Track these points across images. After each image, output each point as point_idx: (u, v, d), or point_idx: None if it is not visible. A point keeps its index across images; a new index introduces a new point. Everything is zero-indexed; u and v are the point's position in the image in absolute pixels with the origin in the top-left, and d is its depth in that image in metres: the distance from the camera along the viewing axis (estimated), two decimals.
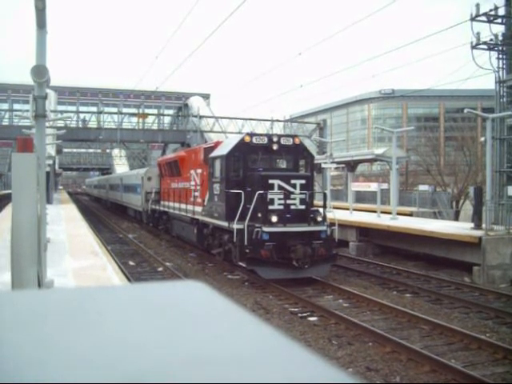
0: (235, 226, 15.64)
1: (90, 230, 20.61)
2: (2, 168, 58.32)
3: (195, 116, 43.62)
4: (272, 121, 44.50)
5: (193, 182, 21.94)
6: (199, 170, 20.93)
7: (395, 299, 14.28)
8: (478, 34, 26.29)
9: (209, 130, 42.63)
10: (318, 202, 19.50)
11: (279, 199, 15.90)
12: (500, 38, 27.01)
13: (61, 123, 39.23)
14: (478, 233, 17.46)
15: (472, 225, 19.29)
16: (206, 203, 19.47)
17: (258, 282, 15.87)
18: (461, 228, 19.43)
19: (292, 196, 16.04)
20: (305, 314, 12.68)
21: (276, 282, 15.34)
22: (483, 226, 18.13)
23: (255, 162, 17.53)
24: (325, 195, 18.14)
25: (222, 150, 17.92)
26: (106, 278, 10.25)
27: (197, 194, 21.09)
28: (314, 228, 15.95)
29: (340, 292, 14.91)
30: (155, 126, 48.19)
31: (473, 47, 26.20)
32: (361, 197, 36.19)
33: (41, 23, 8.66)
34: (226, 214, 16.85)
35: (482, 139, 22.88)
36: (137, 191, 36.59)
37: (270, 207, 15.71)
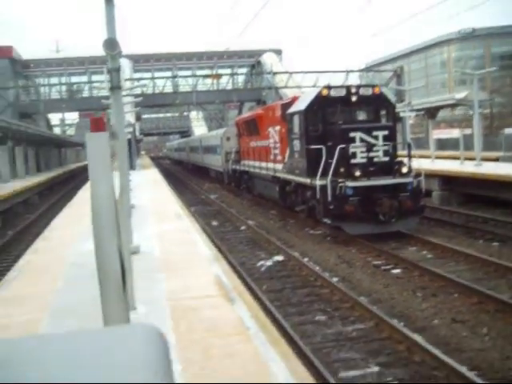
0: (318, 182, 15.43)
1: (172, 194, 21.20)
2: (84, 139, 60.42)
3: (268, 73, 43.40)
4: (347, 71, 43.59)
5: (272, 140, 21.78)
6: (278, 127, 20.69)
7: (481, 248, 13.90)
8: None
9: (283, 85, 42.34)
10: (401, 152, 19.00)
11: (361, 152, 15.50)
12: None
13: (137, 91, 40.07)
14: None
15: None
16: (286, 160, 19.30)
17: (340, 236, 15.86)
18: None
19: (375, 148, 15.59)
20: (388, 267, 12.59)
21: (359, 236, 15.17)
22: None
23: (334, 115, 17.07)
24: (409, 145, 17.43)
25: (300, 105, 17.57)
26: (190, 240, 10.57)
27: (276, 151, 20.94)
28: (400, 180, 15.48)
29: (424, 243, 14.66)
30: (230, 86, 48.34)
31: None
32: (443, 144, 35.12)
33: None
34: (307, 171, 16.70)
35: None
36: (216, 152, 37.07)
37: (353, 161, 15.40)
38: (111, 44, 8.81)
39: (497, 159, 28.27)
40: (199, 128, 76.62)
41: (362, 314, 9.38)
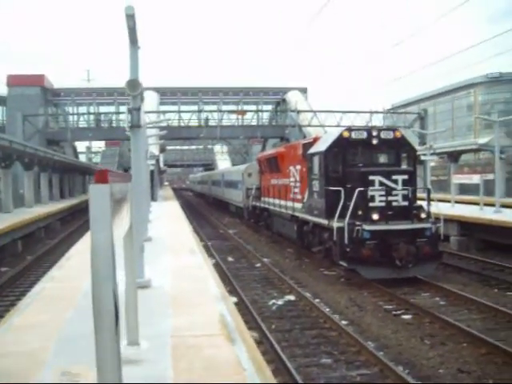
0: (335, 223, 15.34)
1: (189, 227, 21.43)
2: (110, 166, 61.38)
3: (293, 111, 43.92)
4: (371, 112, 43.91)
5: (292, 179, 21.79)
6: (298, 166, 20.75)
7: (495, 297, 13.77)
8: None
9: (307, 124, 42.75)
10: (420, 194, 18.98)
11: (380, 196, 15.46)
12: None
13: (163, 123, 40.78)
14: None
15: None
16: (305, 200, 19.32)
17: (353, 278, 15.85)
18: None
19: (394, 192, 15.54)
20: (399, 312, 12.54)
21: (373, 279, 15.09)
22: None
23: (355, 158, 17.15)
24: (428, 191, 17.48)
25: (321, 146, 17.62)
26: (202, 277, 10.71)
27: (296, 190, 20.95)
28: (418, 226, 15.37)
29: (437, 289, 14.57)
30: (254, 122, 48.93)
31: None
32: (465, 188, 34.88)
33: (133, 40, 9.23)
34: (325, 212, 16.67)
35: None
36: (238, 187, 37.33)
37: (371, 204, 15.36)
38: (133, 85, 9.14)
39: None
40: (223, 161, 77.26)
41: (367, 359, 9.37)
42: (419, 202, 16.81)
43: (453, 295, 13.87)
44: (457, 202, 27.38)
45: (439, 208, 17.11)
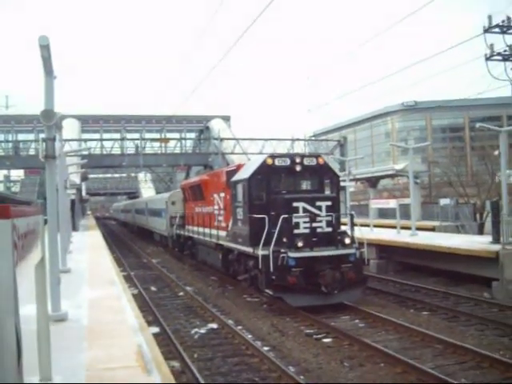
0: (260, 252, 15.08)
1: (110, 258, 21.00)
2: (30, 195, 59.46)
3: (216, 138, 44.22)
4: (292, 140, 44.76)
5: (216, 206, 21.63)
6: (222, 194, 20.64)
7: (411, 318, 14.28)
8: (492, 45, 26.27)
9: (230, 151, 43.11)
10: (344, 219, 19.37)
11: (305, 222, 15.41)
12: None
13: (85, 152, 40.03)
14: (496, 247, 17.37)
15: (491, 239, 19.18)
16: (229, 228, 19.09)
17: (275, 304, 16.00)
18: (479, 242, 19.34)
19: (318, 219, 15.55)
20: (320, 336, 12.74)
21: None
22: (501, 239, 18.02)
23: (278, 185, 17.08)
24: (351, 216, 17.62)
25: (244, 174, 17.56)
26: (119, 308, 10.53)
27: (220, 218, 20.74)
28: (343, 251, 15.42)
29: (356, 312, 14.94)
30: (178, 150, 48.87)
31: (487, 59, 26.15)
32: (384, 212, 36.06)
33: (48, 70, 9.11)
34: (250, 240, 16.42)
35: (496, 152, 22.76)
36: (162, 215, 36.69)
37: (296, 231, 15.29)
38: (48, 115, 9.00)
39: (433, 229, 29.28)
40: (147, 189, 76.38)
41: None
42: (343, 228, 17.04)
43: (371, 317, 14.26)
44: (376, 225, 28.25)
45: (362, 233, 17.24)
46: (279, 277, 14.70)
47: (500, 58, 26.60)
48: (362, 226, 19.61)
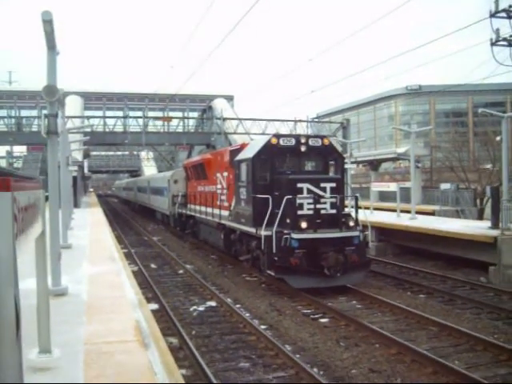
0: (263, 232, 14.97)
1: (111, 235, 21.12)
2: (33, 172, 59.63)
3: (219, 118, 44.13)
4: (295, 121, 44.69)
5: (219, 186, 21.47)
6: (225, 173, 20.49)
7: (408, 300, 14.41)
8: (498, 30, 26.09)
9: (232, 131, 43.06)
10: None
11: (309, 204, 15.17)
12: None
13: (87, 129, 40.04)
14: (494, 232, 17.46)
15: (490, 224, 19.26)
16: (232, 207, 18.98)
17: (274, 284, 16.13)
18: (478, 227, 19.41)
19: (322, 200, 15.31)
20: (316, 316, 12.89)
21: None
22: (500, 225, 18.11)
23: (283, 165, 16.92)
24: (356, 198, 16.96)
25: (248, 153, 17.32)
26: (119, 284, 10.65)
27: (223, 197, 20.60)
28: (347, 234, 15.24)
29: (354, 293, 15.06)
30: (180, 129, 48.83)
31: (492, 44, 25.97)
32: (385, 195, 36.11)
33: (50, 45, 9.12)
34: (253, 220, 16.31)
35: (498, 138, 22.75)
36: (164, 194, 36.62)
37: (299, 212, 15.05)
38: (50, 91, 9.02)
39: (433, 213, 29.35)
40: (149, 168, 76.46)
41: (284, 362, 9.60)
42: (347, 210, 16.79)
43: (368, 298, 14.40)
44: (376, 208, 28.33)
45: (366, 216, 17.05)
46: (282, 258, 14.58)
47: (505, 43, 26.44)
48: (363, 208, 19.55)
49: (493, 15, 25.65)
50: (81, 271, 12.20)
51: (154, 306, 13.23)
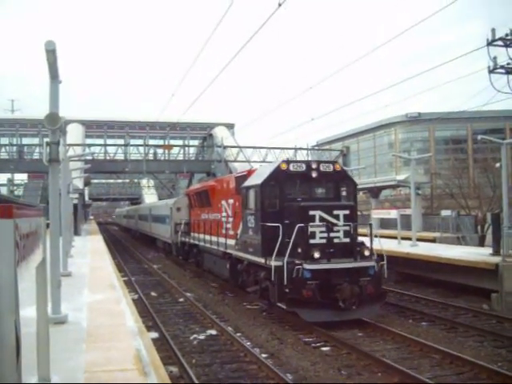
0: (273, 262, 14.19)
1: (112, 263, 21.07)
2: (33, 200, 59.71)
3: (219, 146, 44.35)
4: (295, 149, 44.88)
5: (224, 213, 20.83)
6: (231, 201, 19.85)
7: (410, 328, 14.30)
8: (495, 58, 26.37)
9: (233, 159, 43.25)
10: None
11: (321, 232, 14.51)
12: None
13: (88, 156, 40.22)
14: (495, 259, 17.41)
15: (491, 251, 19.21)
16: (239, 236, 18.18)
17: (275, 312, 16.01)
18: (479, 254, 19.37)
19: (335, 228, 14.63)
20: (318, 344, 12.78)
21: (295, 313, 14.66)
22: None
23: (293, 192, 16.24)
24: (370, 226, 16.36)
25: (257, 179, 16.64)
26: (119, 312, 10.59)
27: (229, 226, 19.86)
28: (362, 264, 14.52)
29: (355, 321, 14.85)
30: (181, 157, 49.04)
31: (490, 71, 26.23)
32: (386, 222, 36.11)
33: (53, 75, 9.23)
34: (262, 250, 15.51)
35: (498, 165, 22.84)
36: (166, 222, 36.04)
37: (312, 241, 14.37)
38: (53, 119, 9.10)
39: (434, 240, 29.32)
40: (150, 196, 76.56)
41: None
42: (360, 239, 16.01)
43: (370, 327, 14.28)
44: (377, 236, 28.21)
45: (382, 245, 16.24)
46: (293, 290, 13.87)
47: (503, 71, 26.71)
48: (363, 236, 19.35)
49: (490, 43, 25.97)
50: (81, 299, 12.15)
51: (155, 335, 13.12)
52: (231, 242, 19.17)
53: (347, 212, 15.06)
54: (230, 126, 56.69)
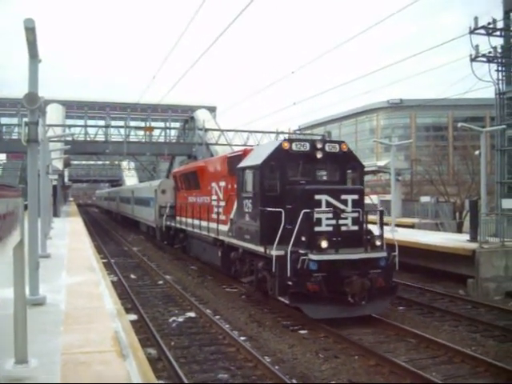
0: (274, 252, 12.96)
1: (91, 245, 20.95)
2: (12, 180, 59.12)
3: (200, 129, 44.13)
4: (277, 133, 44.79)
5: (215, 197, 19.57)
6: (222, 183, 18.63)
7: (387, 312, 14.40)
8: (477, 46, 26.58)
9: (214, 142, 43.10)
10: None
11: (327, 219, 13.10)
12: (499, 50, 27.28)
13: (68, 137, 39.80)
14: (473, 245, 17.65)
15: (468, 237, 19.46)
16: (233, 222, 16.79)
17: (254, 295, 16.09)
18: (457, 240, 19.61)
19: (343, 215, 13.29)
20: (296, 328, 12.88)
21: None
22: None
23: (295, 173, 14.81)
24: (381, 213, 14.82)
25: (255, 159, 15.18)
26: (98, 294, 10.57)
27: (220, 210, 18.60)
28: (373, 255, 13.19)
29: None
30: (162, 139, 48.76)
31: (472, 60, 26.45)
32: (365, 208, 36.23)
33: (33, 54, 9.10)
34: (260, 237, 14.19)
35: (477, 152, 23.08)
36: (150, 205, 34.57)
37: (317, 229, 13.01)
38: (32, 99, 8.98)
39: (413, 225, 29.61)
40: (130, 178, 76.08)
41: (263, 374, 9.59)
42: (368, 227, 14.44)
43: None
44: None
45: (393, 234, 15.07)
46: (297, 283, 12.52)
47: (484, 59, 26.92)
48: None
49: (472, 32, 26.13)
50: (59, 281, 12.08)
51: (133, 317, 13.13)
52: (223, 227, 17.96)
53: (356, 197, 13.76)
54: (212, 109, 56.53)
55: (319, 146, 14.72)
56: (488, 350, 11.29)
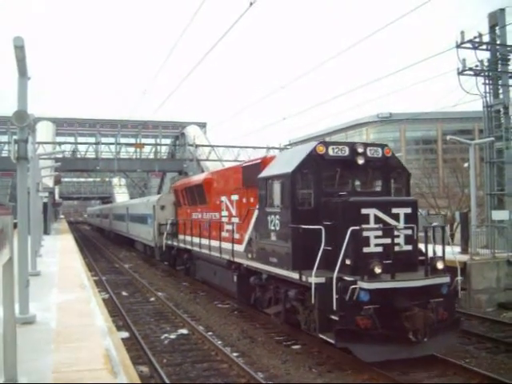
0: (314, 279, 10.74)
1: (82, 262, 20.85)
2: (2, 198, 58.83)
3: (191, 145, 44.25)
4: (268, 148, 44.96)
5: (225, 212, 17.70)
6: (235, 197, 16.68)
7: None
8: (464, 60, 26.82)
9: (205, 158, 43.21)
10: None
11: (376, 237, 10.98)
12: (485, 63, 27.53)
13: (59, 154, 39.77)
14: (464, 257, 17.67)
15: (459, 249, 19.50)
16: (252, 241, 14.80)
17: (247, 311, 16.01)
18: (448, 253, 19.58)
19: (396, 232, 10.90)
20: (289, 343, 12.81)
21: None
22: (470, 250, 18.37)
23: (332, 183, 12.64)
24: (443, 229, 13.09)
25: (283, 167, 12.80)
26: (88, 312, 10.50)
27: (232, 228, 16.35)
28: (437, 281, 10.95)
29: None
30: (152, 155, 48.81)
31: (459, 73, 26.66)
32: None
33: (22, 71, 9.10)
34: (293, 261, 11.91)
35: (466, 165, 23.20)
36: (147, 222, 31.68)
37: (366, 250, 10.92)
38: (21, 116, 8.97)
39: None
40: (121, 195, 75.81)
41: None
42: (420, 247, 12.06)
43: None
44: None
45: (455, 255, 12.93)
46: (344, 317, 10.33)
47: (471, 73, 27.15)
48: None
49: (459, 46, 26.38)
50: (49, 299, 12.01)
51: (125, 334, 13.05)
52: (239, 248, 15.83)
53: (409, 210, 11.54)
54: (202, 125, 56.63)
55: (360, 150, 12.47)
56: (481, 362, 11.29)
